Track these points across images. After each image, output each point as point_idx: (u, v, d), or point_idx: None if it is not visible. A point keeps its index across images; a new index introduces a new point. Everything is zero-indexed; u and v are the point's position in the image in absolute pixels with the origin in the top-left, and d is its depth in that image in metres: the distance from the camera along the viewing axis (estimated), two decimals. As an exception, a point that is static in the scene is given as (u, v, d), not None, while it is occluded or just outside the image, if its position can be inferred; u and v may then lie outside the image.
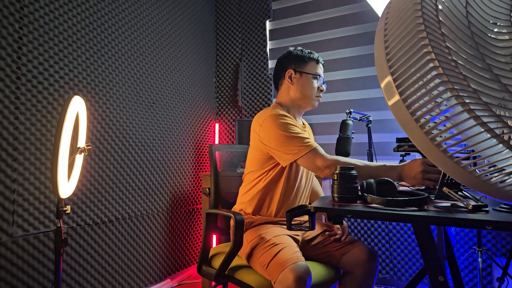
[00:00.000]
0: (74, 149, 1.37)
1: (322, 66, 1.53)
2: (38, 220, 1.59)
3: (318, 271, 1.30)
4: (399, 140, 2.08)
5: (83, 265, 1.79)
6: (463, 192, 1.04)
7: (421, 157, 1.19)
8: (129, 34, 2.15)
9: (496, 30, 0.82)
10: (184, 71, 2.65)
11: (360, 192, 0.99)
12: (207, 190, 1.63)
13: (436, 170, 1.08)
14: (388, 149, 2.47)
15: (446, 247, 1.51)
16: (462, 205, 0.88)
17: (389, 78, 0.80)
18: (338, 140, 1.75)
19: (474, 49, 0.75)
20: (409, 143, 1.21)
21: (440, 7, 0.77)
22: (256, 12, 3.02)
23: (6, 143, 1.49)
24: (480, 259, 1.95)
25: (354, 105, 2.59)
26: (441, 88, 0.73)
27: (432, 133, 0.75)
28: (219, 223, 1.58)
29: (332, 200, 1.01)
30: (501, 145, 0.71)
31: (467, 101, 0.70)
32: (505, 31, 0.82)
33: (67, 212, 1.31)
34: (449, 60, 0.72)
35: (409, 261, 2.31)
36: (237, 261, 1.33)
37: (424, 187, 1.15)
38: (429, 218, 0.81)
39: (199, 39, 2.87)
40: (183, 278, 2.50)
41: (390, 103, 0.80)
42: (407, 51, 0.77)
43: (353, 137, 1.77)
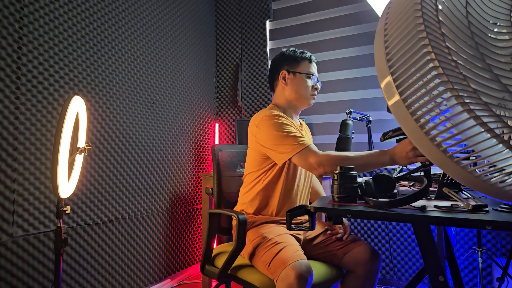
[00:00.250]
0: (74, 149, 1.37)
1: (315, 65, 1.53)
2: (38, 220, 1.59)
3: (320, 270, 1.30)
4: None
5: (83, 265, 1.79)
6: (463, 192, 1.04)
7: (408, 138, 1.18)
8: (129, 34, 2.15)
9: (496, 30, 0.82)
10: (184, 71, 2.65)
11: (360, 192, 0.99)
12: (210, 190, 1.64)
13: None
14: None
15: (446, 247, 1.51)
16: (462, 205, 0.88)
17: (389, 78, 0.80)
18: (338, 140, 1.75)
19: (474, 49, 0.75)
20: (393, 129, 1.21)
21: (440, 7, 0.77)
22: (256, 12, 3.02)
23: (6, 143, 1.49)
24: (480, 259, 1.95)
25: (354, 105, 2.59)
26: (441, 88, 0.73)
27: (432, 133, 0.75)
28: (222, 223, 1.60)
29: (332, 200, 1.01)
30: (501, 145, 0.71)
31: (467, 101, 0.70)
32: (505, 31, 0.82)
33: (67, 212, 1.31)
34: (449, 60, 0.72)
35: (409, 261, 2.31)
36: (240, 260, 1.34)
37: (420, 165, 1.14)
38: (429, 218, 0.81)
39: (199, 39, 2.87)
40: (183, 278, 2.50)
41: (390, 103, 0.80)
42: (407, 51, 0.77)
43: (353, 137, 1.77)
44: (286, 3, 2.95)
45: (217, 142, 3.04)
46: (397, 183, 1.06)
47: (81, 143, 1.40)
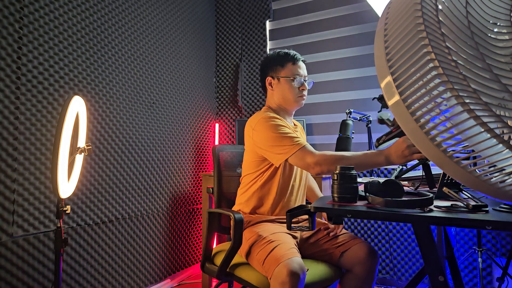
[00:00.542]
0: (74, 149, 1.37)
1: (302, 64, 1.52)
2: (38, 220, 1.59)
3: (318, 269, 1.30)
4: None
5: (83, 265, 1.79)
6: (463, 192, 1.04)
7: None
8: (129, 34, 2.15)
9: (496, 30, 0.82)
10: (184, 71, 2.65)
11: (364, 193, 0.99)
12: (211, 190, 1.65)
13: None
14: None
15: (446, 247, 1.51)
16: (462, 205, 0.88)
17: (389, 78, 0.80)
18: (338, 140, 1.75)
19: (474, 49, 0.75)
20: (386, 133, 1.22)
21: (440, 7, 0.77)
22: (256, 12, 3.02)
23: (6, 143, 1.49)
24: (480, 259, 1.95)
25: (354, 105, 2.59)
26: (441, 88, 0.73)
27: (432, 133, 0.75)
28: (222, 222, 1.61)
29: (332, 200, 1.01)
30: (501, 145, 0.71)
31: (467, 101, 0.70)
32: (505, 31, 0.82)
33: (67, 212, 1.31)
34: (449, 60, 0.72)
35: (409, 261, 2.31)
36: (238, 259, 1.35)
37: (417, 162, 1.14)
38: (429, 218, 0.81)
39: (199, 39, 2.87)
40: (183, 278, 2.50)
41: (390, 103, 0.80)
42: (407, 51, 0.77)
43: (353, 137, 1.77)
44: (286, 3, 2.95)
45: (217, 142, 3.04)
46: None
47: (81, 143, 1.40)
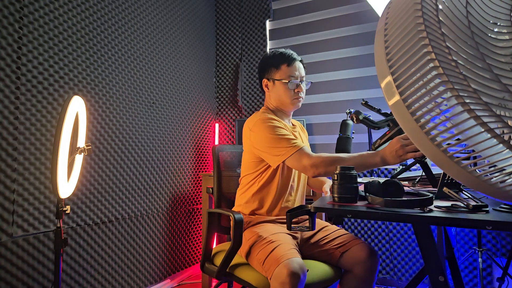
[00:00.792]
0: (74, 149, 1.37)
1: (298, 64, 1.50)
2: (38, 220, 1.59)
3: (318, 269, 1.30)
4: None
5: (83, 265, 1.79)
6: (463, 192, 1.03)
7: None
8: (129, 34, 2.15)
9: (496, 30, 0.82)
10: (184, 71, 2.64)
11: (364, 193, 0.98)
12: (210, 190, 1.65)
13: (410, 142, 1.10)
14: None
15: (446, 247, 1.51)
16: (462, 205, 0.88)
17: (389, 78, 0.80)
18: (338, 140, 1.74)
19: (474, 49, 0.75)
20: (380, 136, 1.24)
21: (440, 7, 0.77)
22: (256, 12, 3.02)
23: (6, 143, 1.49)
24: (480, 259, 1.95)
25: (354, 105, 2.58)
26: (441, 88, 0.73)
27: (432, 133, 0.75)
28: (222, 222, 1.61)
29: (332, 200, 1.01)
30: (501, 145, 0.71)
31: (467, 101, 0.70)
32: (505, 31, 0.81)
33: (67, 212, 1.31)
34: (449, 60, 0.72)
35: (409, 261, 2.31)
36: (238, 259, 1.35)
37: (413, 162, 1.15)
38: (429, 218, 0.81)
39: (199, 39, 2.87)
40: (183, 278, 2.50)
41: (390, 103, 0.80)
42: (407, 51, 0.77)
43: (353, 137, 1.77)
44: (286, 3, 2.94)
45: (217, 142, 3.04)
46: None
47: (81, 143, 1.40)
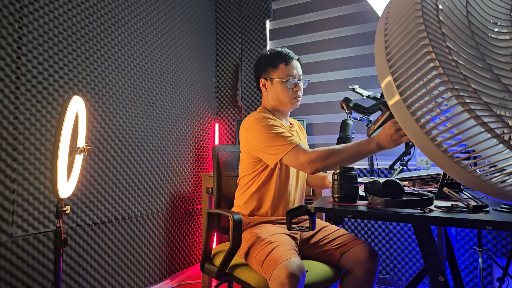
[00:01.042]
0: (73, 149, 1.37)
1: (296, 63, 1.49)
2: (37, 220, 1.59)
3: (317, 270, 1.30)
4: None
5: (82, 265, 1.78)
6: (464, 192, 1.03)
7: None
8: (129, 34, 2.15)
9: (496, 30, 0.82)
10: (184, 71, 2.64)
11: (364, 193, 0.98)
12: (210, 190, 1.66)
13: None
14: (388, 149, 2.46)
15: (446, 247, 1.51)
16: (462, 205, 0.88)
17: (389, 78, 0.80)
18: (338, 140, 1.74)
19: (475, 49, 0.75)
20: (373, 122, 1.22)
21: (441, 6, 0.77)
22: (256, 12, 3.02)
23: (6, 143, 1.49)
24: (480, 259, 1.95)
25: (354, 105, 2.58)
26: (441, 88, 0.73)
27: (433, 133, 0.75)
28: (222, 222, 1.61)
29: (332, 200, 1.01)
30: (501, 145, 0.71)
31: (468, 101, 0.70)
32: (505, 31, 0.81)
33: (66, 212, 1.31)
34: (450, 60, 0.72)
35: (409, 261, 2.31)
36: (237, 259, 1.35)
37: (411, 145, 1.14)
38: (429, 218, 0.81)
39: (199, 39, 2.87)
40: (183, 278, 2.49)
41: (390, 103, 0.80)
42: (407, 51, 0.77)
43: (353, 137, 1.77)
44: (286, 3, 2.94)
45: (217, 142, 3.04)
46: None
47: (81, 143, 1.40)
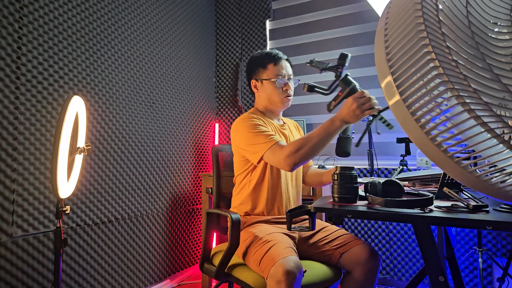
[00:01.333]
0: (73, 149, 1.36)
1: (285, 63, 1.50)
2: (37, 220, 1.59)
3: (316, 270, 1.29)
4: (399, 140, 2.08)
5: (82, 265, 1.78)
6: (464, 192, 1.03)
7: None
8: (129, 34, 2.15)
9: (496, 30, 0.82)
10: (184, 71, 2.64)
11: (364, 193, 0.98)
12: (210, 190, 1.67)
13: (367, 98, 1.20)
14: (388, 149, 2.46)
15: (446, 247, 1.51)
16: (462, 205, 0.88)
17: (389, 78, 0.80)
18: (338, 140, 1.74)
19: (475, 49, 0.75)
20: (334, 97, 1.26)
21: (441, 6, 0.77)
22: (256, 12, 3.02)
23: (6, 143, 1.49)
24: (480, 259, 1.95)
25: (354, 105, 2.58)
26: (441, 88, 0.73)
27: (433, 133, 0.75)
28: (221, 222, 1.61)
29: (332, 200, 1.01)
30: (501, 145, 0.71)
31: (468, 101, 0.70)
32: (505, 31, 0.81)
33: (66, 212, 1.31)
34: (450, 60, 0.72)
35: (409, 261, 2.31)
36: (236, 259, 1.35)
37: (371, 118, 1.20)
38: (429, 218, 0.81)
39: (199, 39, 2.87)
40: (183, 278, 2.49)
41: (390, 103, 0.80)
42: (407, 51, 0.77)
43: (353, 137, 1.77)
44: (286, 3, 2.94)
45: (217, 142, 3.04)
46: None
47: (81, 143, 1.40)
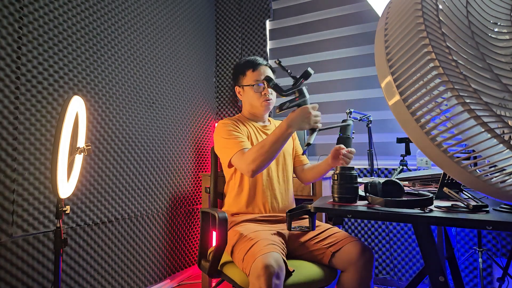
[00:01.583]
0: (73, 149, 1.36)
1: (264, 68, 1.56)
2: (37, 220, 1.59)
3: (306, 269, 1.27)
4: (399, 140, 2.08)
5: (82, 265, 1.78)
6: (464, 192, 1.03)
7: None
8: (129, 34, 2.15)
9: (496, 30, 0.82)
10: (184, 71, 2.64)
11: (364, 193, 0.98)
12: (209, 189, 1.70)
13: (318, 113, 1.29)
14: (388, 149, 2.47)
15: (446, 247, 1.51)
16: (462, 205, 0.88)
17: (389, 78, 0.80)
18: (338, 140, 1.75)
19: (475, 49, 0.75)
20: (289, 100, 1.31)
21: (441, 6, 0.77)
22: (256, 12, 3.02)
23: (6, 143, 1.49)
24: (480, 259, 1.95)
25: (354, 105, 2.58)
26: (441, 88, 0.73)
27: (433, 133, 0.75)
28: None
29: (332, 200, 1.01)
30: (501, 145, 0.71)
31: (468, 101, 0.70)
32: (505, 31, 0.81)
33: (66, 212, 1.31)
34: (450, 60, 0.72)
35: (409, 261, 2.31)
36: (228, 257, 1.38)
37: (316, 130, 1.29)
38: (429, 218, 0.81)
39: (199, 39, 2.87)
40: (183, 278, 2.49)
41: (390, 103, 0.80)
42: (408, 51, 0.77)
43: (353, 137, 1.77)
44: (286, 3, 2.94)
45: (217, 142, 3.04)
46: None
47: (81, 143, 1.40)
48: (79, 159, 1.42)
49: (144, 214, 2.20)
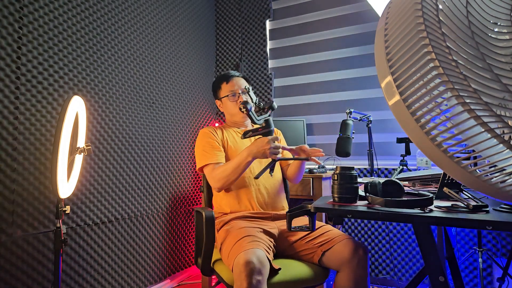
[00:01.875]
0: (73, 149, 1.36)
1: (236, 79, 1.65)
2: (37, 220, 1.59)
3: (294, 268, 1.26)
4: (399, 140, 2.08)
5: (82, 265, 1.78)
6: (464, 192, 1.03)
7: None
8: (129, 34, 2.15)
9: (496, 30, 0.82)
10: (184, 71, 2.64)
11: (364, 193, 0.98)
12: (202, 188, 1.75)
13: (278, 145, 1.35)
14: (388, 149, 2.47)
15: (446, 247, 1.51)
16: (462, 205, 0.88)
17: (389, 78, 0.80)
18: (338, 140, 1.75)
19: (475, 49, 0.75)
20: (252, 129, 1.39)
21: (441, 6, 0.77)
22: (256, 12, 3.02)
23: (6, 143, 1.49)
24: (480, 259, 1.95)
25: (354, 105, 2.58)
26: (441, 88, 0.73)
27: (433, 133, 0.75)
28: None
29: (332, 200, 1.01)
30: (501, 145, 0.71)
31: (468, 101, 0.70)
32: (505, 31, 0.81)
33: (66, 212, 1.31)
34: (450, 60, 0.72)
35: (409, 261, 2.31)
36: (219, 255, 1.40)
37: (273, 161, 1.36)
38: (429, 218, 0.81)
39: (199, 39, 2.87)
40: (183, 278, 2.49)
41: (391, 103, 0.80)
42: (408, 51, 0.77)
43: (353, 137, 1.77)
44: (286, 3, 2.94)
45: (217, 142, 3.04)
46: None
47: (81, 143, 1.40)
48: (79, 159, 1.42)
49: (144, 214, 2.20)
